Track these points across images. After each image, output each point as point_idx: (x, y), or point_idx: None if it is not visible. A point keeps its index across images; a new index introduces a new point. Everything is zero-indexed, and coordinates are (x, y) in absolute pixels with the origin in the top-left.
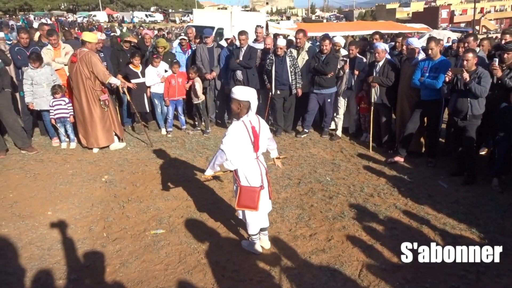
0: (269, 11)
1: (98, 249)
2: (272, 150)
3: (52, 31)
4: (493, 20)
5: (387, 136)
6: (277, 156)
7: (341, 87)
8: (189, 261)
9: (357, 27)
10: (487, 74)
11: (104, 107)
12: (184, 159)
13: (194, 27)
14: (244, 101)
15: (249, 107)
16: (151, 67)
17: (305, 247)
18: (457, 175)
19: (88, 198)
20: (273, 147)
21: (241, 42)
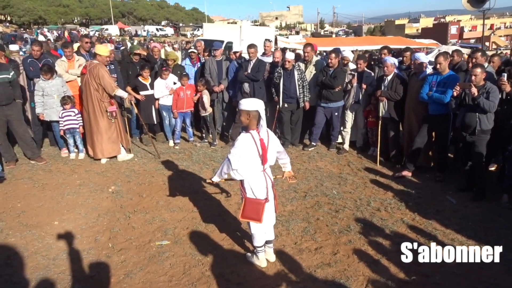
0: (279, 25)
1: (103, 260)
2: (284, 164)
3: (67, 44)
4: (503, 37)
5: (394, 150)
6: (289, 172)
7: (348, 101)
8: (193, 273)
9: (365, 42)
10: (496, 89)
11: (111, 118)
12: (191, 171)
13: (204, 40)
14: (253, 111)
15: (259, 117)
16: (160, 79)
17: (310, 261)
18: (466, 191)
19: (95, 209)
20: (285, 161)
21: (250, 55)
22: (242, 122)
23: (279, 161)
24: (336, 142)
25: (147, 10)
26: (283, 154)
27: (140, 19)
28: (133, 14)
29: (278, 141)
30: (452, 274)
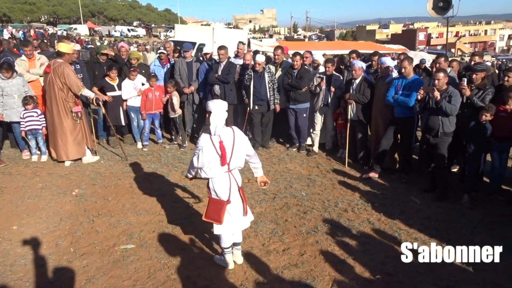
0: (252, 29)
1: (64, 265)
2: (255, 169)
3: (27, 42)
4: (467, 44)
5: (362, 152)
6: (262, 177)
7: (317, 104)
8: (158, 276)
9: (337, 47)
10: (457, 93)
11: (77, 119)
12: (159, 173)
13: (176, 42)
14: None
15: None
16: (127, 80)
17: (277, 262)
18: (429, 192)
19: (57, 213)
20: (256, 166)
21: (220, 57)
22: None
23: (250, 165)
24: (306, 144)
25: (118, 10)
26: (254, 157)
27: (111, 19)
28: (103, 14)
29: (248, 144)
30: (414, 272)
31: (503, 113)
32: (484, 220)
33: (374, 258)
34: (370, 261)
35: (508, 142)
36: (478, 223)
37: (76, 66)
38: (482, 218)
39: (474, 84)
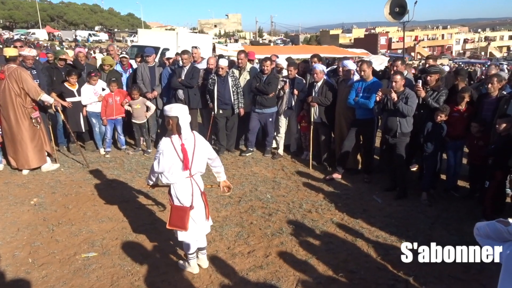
0: (217, 33)
1: (21, 276)
2: (217, 173)
3: None
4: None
5: (326, 154)
6: (224, 182)
7: (281, 107)
8: (122, 284)
9: (301, 51)
10: (414, 94)
11: (36, 125)
12: (122, 180)
13: (138, 47)
14: (173, 117)
15: (178, 123)
16: (87, 85)
17: (243, 264)
18: (390, 190)
19: (14, 223)
20: (218, 170)
21: (183, 61)
22: (167, 127)
23: (212, 169)
24: (271, 147)
25: (78, 14)
26: (216, 161)
27: (71, 23)
28: (63, 18)
29: (209, 148)
30: (375, 268)
31: (456, 113)
32: (441, 216)
33: (337, 257)
34: (333, 259)
35: (462, 140)
36: (436, 219)
37: (32, 72)
38: (439, 214)
39: (429, 85)
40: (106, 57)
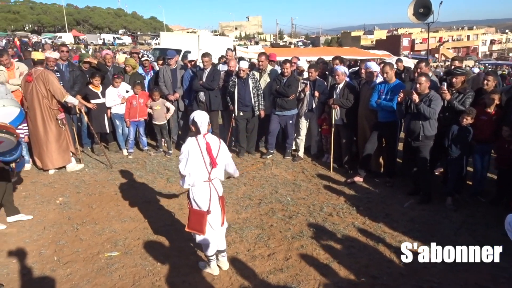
0: (238, 36)
1: (47, 274)
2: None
3: (2, 51)
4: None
5: (347, 156)
6: None
7: (302, 109)
8: (143, 283)
9: (322, 53)
10: (438, 97)
11: (62, 126)
12: (144, 181)
13: (160, 49)
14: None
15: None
16: (111, 87)
17: (263, 267)
18: (413, 194)
19: (40, 221)
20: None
21: (204, 64)
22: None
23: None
24: (291, 149)
25: (103, 18)
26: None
27: (96, 27)
28: (88, 22)
29: (230, 158)
30: (398, 274)
31: (484, 117)
32: (466, 222)
33: (358, 261)
34: (355, 264)
35: (490, 144)
36: (461, 225)
37: (57, 74)
38: (465, 219)
39: (455, 87)
40: (129, 58)
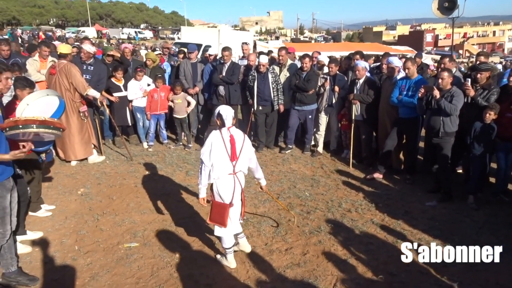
0: (258, 30)
1: (68, 263)
2: (259, 179)
3: (48, 44)
4: (475, 45)
5: (367, 152)
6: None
7: (322, 104)
8: (161, 274)
9: (343, 48)
10: (460, 93)
11: (84, 118)
12: (164, 173)
13: (181, 44)
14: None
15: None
16: (133, 80)
17: (280, 261)
18: (434, 192)
19: (62, 211)
20: (259, 176)
21: (224, 58)
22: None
23: (254, 174)
24: (310, 145)
25: (125, 12)
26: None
27: (118, 21)
28: (111, 17)
29: (253, 153)
30: (417, 272)
31: (509, 114)
32: (489, 221)
33: (377, 258)
34: (373, 261)
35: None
36: (483, 224)
37: (89, 68)
38: (487, 218)
39: (479, 84)
40: (150, 52)
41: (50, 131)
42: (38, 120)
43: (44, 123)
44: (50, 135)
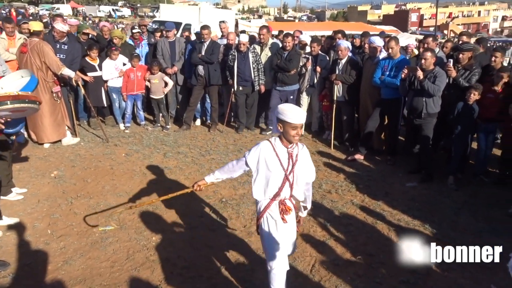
0: (241, 9)
1: (40, 247)
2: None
3: (9, 19)
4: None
5: (348, 133)
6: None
7: (303, 85)
8: (137, 258)
9: (327, 27)
10: (443, 73)
11: (57, 99)
12: (141, 155)
13: (160, 22)
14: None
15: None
16: (108, 60)
17: (258, 243)
18: (415, 173)
19: (34, 195)
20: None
21: (204, 36)
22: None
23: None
24: None
25: None
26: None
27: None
28: None
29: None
30: (395, 252)
31: (491, 94)
32: (468, 202)
33: (356, 239)
34: (352, 242)
35: (495, 123)
36: (463, 205)
37: (63, 47)
38: (467, 199)
39: (461, 64)
40: (115, 30)
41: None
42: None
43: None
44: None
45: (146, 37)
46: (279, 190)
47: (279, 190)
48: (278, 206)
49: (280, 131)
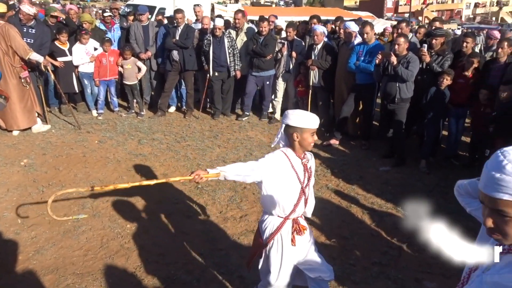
0: None
1: (10, 237)
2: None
3: None
4: (435, 12)
5: (324, 119)
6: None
7: (279, 70)
8: (111, 246)
9: (304, 13)
10: (416, 59)
11: (26, 85)
12: (115, 142)
13: (133, 5)
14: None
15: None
16: (78, 44)
17: (234, 229)
18: (388, 157)
19: (4, 184)
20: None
21: (178, 20)
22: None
23: None
24: (268, 111)
25: None
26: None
27: None
28: None
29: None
30: (369, 235)
31: (461, 80)
32: (439, 185)
33: (331, 223)
34: (327, 225)
35: (465, 108)
36: (434, 188)
37: (30, 30)
38: (438, 182)
39: (434, 49)
40: (84, 14)
41: None
42: None
43: None
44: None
45: (118, 20)
46: (295, 207)
47: (295, 206)
48: (292, 226)
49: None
